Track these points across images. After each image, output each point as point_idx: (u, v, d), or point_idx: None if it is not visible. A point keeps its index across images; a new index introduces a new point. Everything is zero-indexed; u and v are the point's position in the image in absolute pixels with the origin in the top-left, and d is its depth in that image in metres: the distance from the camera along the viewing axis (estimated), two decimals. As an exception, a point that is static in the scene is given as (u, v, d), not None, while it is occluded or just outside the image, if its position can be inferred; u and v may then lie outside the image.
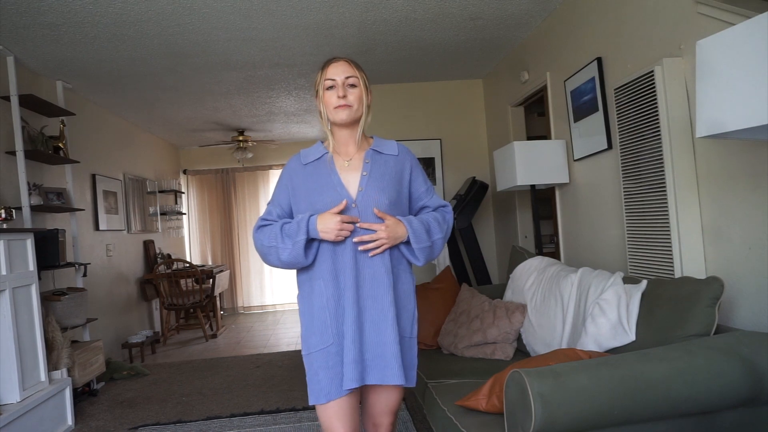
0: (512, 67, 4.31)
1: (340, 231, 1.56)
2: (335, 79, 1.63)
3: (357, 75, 1.65)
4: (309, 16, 3.35)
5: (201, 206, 8.19)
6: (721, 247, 2.14)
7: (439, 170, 5.06)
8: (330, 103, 1.64)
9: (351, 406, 1.62)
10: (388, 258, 1.63)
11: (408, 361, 1.66)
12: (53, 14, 3.09)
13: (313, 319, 1.62)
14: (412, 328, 1.69)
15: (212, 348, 5.69)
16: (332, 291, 1.60)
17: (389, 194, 1.64)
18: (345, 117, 1.64)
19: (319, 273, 1.63)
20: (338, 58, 1.68)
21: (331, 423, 1.60)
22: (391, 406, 1.72)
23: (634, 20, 2.62)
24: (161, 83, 4.56)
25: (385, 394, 1.70)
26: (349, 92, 1.63)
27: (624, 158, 2.55)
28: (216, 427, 3.16)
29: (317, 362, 1.60)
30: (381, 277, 1.61)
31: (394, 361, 1.58)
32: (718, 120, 1.33)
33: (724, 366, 1.49)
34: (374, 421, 1.75)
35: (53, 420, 3.18)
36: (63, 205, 4.06)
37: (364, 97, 1.67)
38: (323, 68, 1.68)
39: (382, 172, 1.67)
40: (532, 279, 2.86)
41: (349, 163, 1.68)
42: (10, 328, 2.90)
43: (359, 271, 1.60)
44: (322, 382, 1.59)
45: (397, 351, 1.58)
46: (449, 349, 2.91)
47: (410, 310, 1.69)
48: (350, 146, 1.70)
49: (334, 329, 1.59)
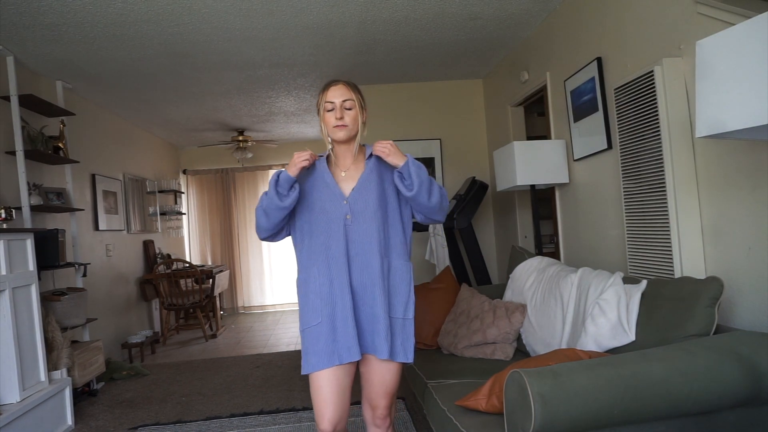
0: (512, 67, 4.31)
1: (298, 159, 1.80)
2: (334, 102, 1.84)
3: (353, 98, 1.86)
4: (309, 16, 3.35)
5: (201, 206, 8.19)
6: (721, 247, 2.14)
7: (439, 170, 5.06)
8: (329, 123, 1.85)
9: (338, 379, 1.78)
10: (380, 245, 1.83)
11: (402, 340, 1.83)
12: (53, 14, 3.09)
13: (308, 301, 1.84)
14: (406, 310, 1.86)
15: (212, 348, 5.69)
16: (325, 277, 1.82)
17: (377, 192, 1.86)
18: (342, 136, 1.85)
19: (315, 261, 1.84)
20: (337, 81, 1.88)
21: (316, 391, 1.80)
22: (386, 387, 1.85)
23: (634, 20, 2.62)
24: (161, 83, 4.56)
25: (379, 373, 1.84)
26: (346, 114, 1.84)
27: (624, 158, 2.55)
28: (216, 428, 3.16)
29: (308, 338, 1.82)
30: (373, 265, 1.81)
31: (383, 339, 1.76)
32: (718, 120, 1.33)
33: (724, 366, 1.49)
34: (372, 404, 1.88)
35: (53, 420, 3.18)
36: (63, 205, 4.06)
37: (360, 117, 1.87)
38: (324, 90, 1.88)
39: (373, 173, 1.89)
40: (532, 279, 2.86)
41: (346, 173, 1.90)
42: (10, 328, 2.90)
43: (351, 259, 1.82)
44: (310, 355, 1.79)
45: (385, 330, 1.77)
46: (449, 349, 2.91)
47: (404, 294, 1.86)
48: (347, 159, 1.92)
49: (325, 311, 1.80)
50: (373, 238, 1.83)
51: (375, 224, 1.83)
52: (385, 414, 1.87)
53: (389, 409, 1.87)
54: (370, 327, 1.80)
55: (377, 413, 1.87)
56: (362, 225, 1.83)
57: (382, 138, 1.96)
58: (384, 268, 1.83)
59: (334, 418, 1.78)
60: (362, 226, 1.83)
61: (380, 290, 1.80)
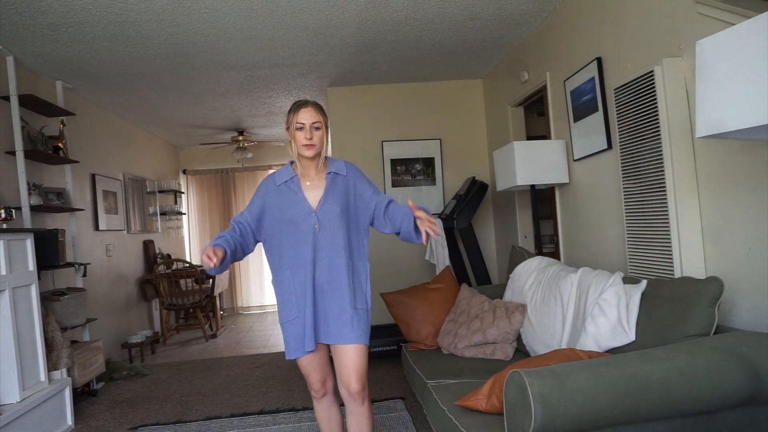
0: (512, 67, 4.31)
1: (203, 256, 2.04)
2: (304, 123, 2.10)
3: (321, 120, 2.12)
4: (309, 15, 3.35)
5: (201, 206, 8.18)
6: (721, 247, 2.14)
7: (439, 170, 5.06)
8: (299, 141, 2.11)
9: (318, 357, 2.17)
10: (345, 250, 2.11)
11: (364, 328, 2.12)
12: (53, 14, 3.08)
13: (283, 299, 2.15)
14: (366, 302, 2.16)
15: (212, 348, 5.69)
16: (297, 278, 2.10)
17: (340, 204, 2.13)
18: (311, 154, 2.12)
19: (287, 264, 2.13)
20: (307, 104, 2.13)
21: (305, 369, 2.19)
22: (354, 366, 2.09)
23: (634, 20, 2.62)
24: (161, 83, 4.56)
25: (348, 356, 2.10)
26: (314, 134, 2.11)
27: (624, 158, 2.55)
28: (216, 427, 3.16)
29: (287, 330, 2.15)
30: (339, 266, 2.10)
31: (349, 328, 2.07)
32: (718, 120, 1.33)
33: (724, 366, 1.49)
34: (345, 381, 2.12)
35: (53, 420, 3.18)
36: (63, 205, 4.06)
37: (324, 136, 2.15)
38: (295, 111, 2.12)
39: (336, 189, 2.16)
40: (532, 279, 2.86)
41: (311, 183, 2.17)
42: (10, 328, 2.90)
43: (317, 263, 2.09)
44: (290, 344, 2.13)
45: (350, 320, 2.07)
46: (449, 349, 2.91)
47: (363, 290, 2.16)
48: (312, 171, 2.18)
49: (298, 307, 2.10)
50: (338, 244, 2.10)
51: (340, 232, 2.11)
52: (359, 388, 2.10)
53: (362, 384, 2.11)
54: (337, 319, 2.08)
55: (351, 389, 2.10)
56: (328, 233, 2.10)
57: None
58: (349, 269, 2.11)
59: (320, 376, 2.19)
60: (328, 234, 2.10)
61: (347, 288, 2.09)
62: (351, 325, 2.07)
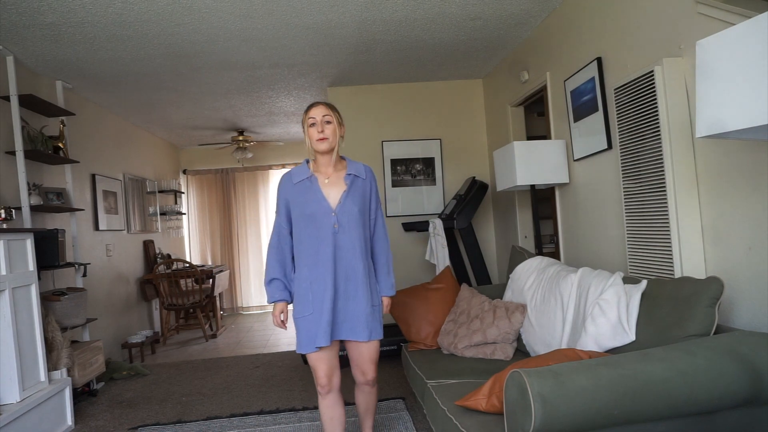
0: (512, 67, 4.31)
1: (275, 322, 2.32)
2: (315, 118, 2.22)
3: (331, 114, 2.23)
4: (309, 16, 3.35)
5: (201, 206, 8.18)
6: (721, 247, 2.14)
7: (439, 170, 5.06)
8: (313, 137, 2.22)
9: (328, 353, 2.25)
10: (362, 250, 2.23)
11: (378, 323, 2.29)
12: (53, 14, 3.09)
13: (301, 295, 2.23)
14: (379, 299, 2.33)
15: (212, 348, 5.69)
16: (315, 276, 2.20)
17: (359, 205, 2.25)
18: (324, 147, 2.22)
19: (306, 262, 2.23)
20: (318, 103, 2.27)
21: (314, 363, 2.27)
22: (372, 358, 2.31)
23: (634, 20, 2.62)
24: (161, 83, 4.56)
25: (365, 350, 2.29)
26: (326, 128, 2.21)
27: (624, 158, 2.55)
28: (216, 427, 3.16)
29: (300, 325, 2.23)
30: (356, 266, 2.21)
31: (363, 324, 2.22)
32: (718, 120, 1.33)
33: (724, 366, 1.49)
34: (361, 369, 2.32)
35: (53, 420, 3.18)
36: (63, 205, 4.06)
37: (338, 130, 2.25)
38: (307, 110, 2.25)
39: (356, 190, 2.27)
40: (532, 279, 2.86)
41: (329, 180, 2.27)
42: (10, 328, 2.90)
43: (337, 262, 2.19)
44: (302, 339, 2.22)
45: (365, 317, 2.21)
46: (449, 349, 2.91)
47: (376, 288, 2.32)
48: (329, 167, 2.28)
49: (315, 304, 2.19)
50: (356, 244, 2.21)
51: (358, 232, 2.22)
52: (374, 376, 2.35)
53: (376, 372, 2.35)
54: (356, 317, 2.21)
55: (368, 377, 2.33)
56: (347, 233, 2.20)
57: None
58: (365, 268, 2.24)
59: (327, 371, 2.26)
60: (347, 234, 2.20)
61: (364, 286, 2.22)
62: (369, 323, 2.22)
